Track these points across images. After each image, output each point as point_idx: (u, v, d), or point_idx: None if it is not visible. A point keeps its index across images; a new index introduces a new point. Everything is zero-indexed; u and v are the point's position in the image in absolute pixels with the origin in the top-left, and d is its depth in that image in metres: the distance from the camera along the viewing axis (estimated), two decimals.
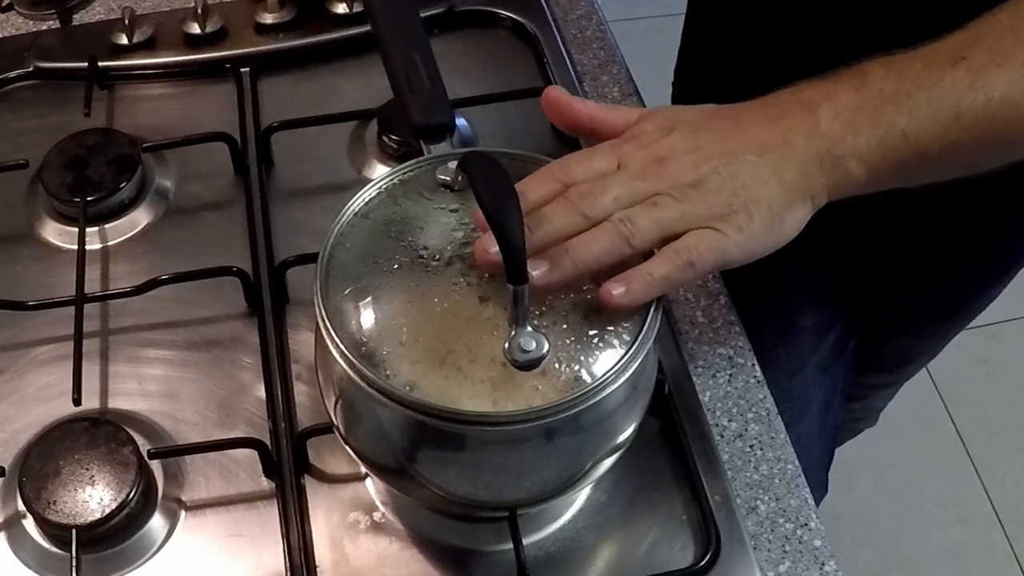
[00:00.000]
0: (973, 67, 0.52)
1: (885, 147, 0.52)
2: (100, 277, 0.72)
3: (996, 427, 1.76)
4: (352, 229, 0.53)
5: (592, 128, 0.58)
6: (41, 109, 0.83)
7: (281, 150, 0.78)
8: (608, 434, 0.53)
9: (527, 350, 0.48)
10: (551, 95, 0.58)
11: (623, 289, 0.49)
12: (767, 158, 0.53)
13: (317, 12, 0.86)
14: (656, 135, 0.55)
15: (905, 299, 0.96)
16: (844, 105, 0.53)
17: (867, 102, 0.53)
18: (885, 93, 0.53)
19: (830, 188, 0.54)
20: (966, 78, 0.52)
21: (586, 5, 0.90)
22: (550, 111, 0.58)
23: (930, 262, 0.90)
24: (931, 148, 0.52)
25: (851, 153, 0.53)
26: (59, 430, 0.62)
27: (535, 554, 0.60)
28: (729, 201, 0.52)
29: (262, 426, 0.65)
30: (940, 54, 0.53)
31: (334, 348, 0.49)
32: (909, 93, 0.52)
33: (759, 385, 0.67)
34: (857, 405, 1.20)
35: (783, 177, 0.52)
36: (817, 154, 0.53)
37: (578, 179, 0.53)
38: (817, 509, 0.62)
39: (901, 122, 0.52)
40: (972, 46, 0.53)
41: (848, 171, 0.53)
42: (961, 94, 0.52)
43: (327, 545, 0.60)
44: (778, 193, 0.52)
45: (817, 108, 0.53)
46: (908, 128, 0.52)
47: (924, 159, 0.53)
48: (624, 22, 2.12)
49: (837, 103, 0.53)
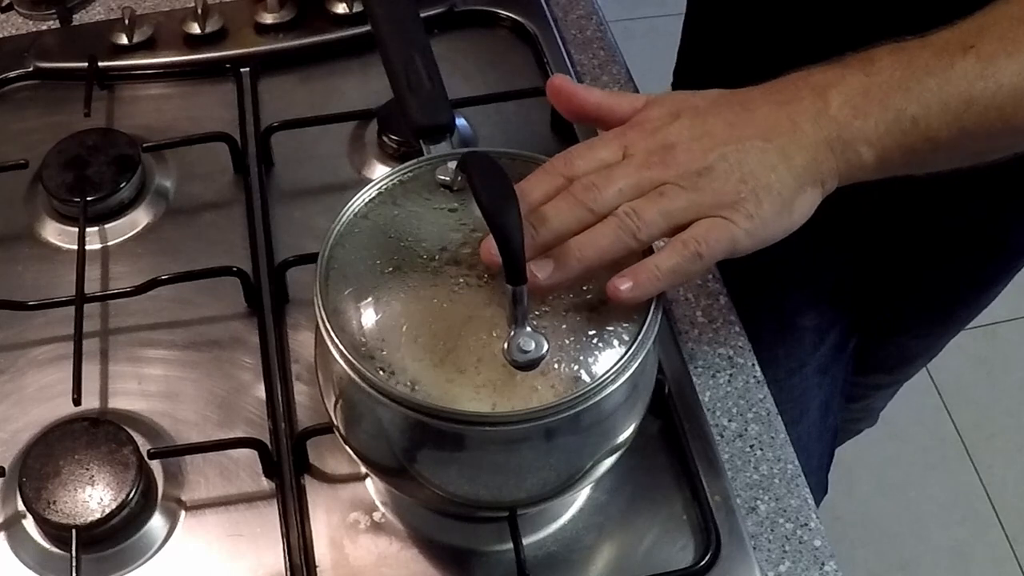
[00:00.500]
0: (983, 55, 0.52)
1: (895, 132, 0.52)
2: (100, 277, 0.72)
3: (996, 427, 1.76)
4: (352, 229, 0.53)
5: (598, 115, 0.57)
6: (41, 109, 0.83)
7: (281, 150, 0.78)
8: (608, 434, 0.53)
9: (527, 350, 0.48)
10: (556, 83, 0.57)
11: (630, 284, 0.49)
12: (775, 143, 0.52)
13: (317, 12, 0.86)
14: (661, 122, 0.54)
15: (905, 299, 0.96)
16: (854, 90, 0.52)
17: (877, 87, 0.52)
18: (895, 79, 0.52)
19: (840, 172, 0.53)
20: (976, 66, 0.52)
21: (586, 5, 0.90)
22: (556, 99, 0.57)
23: (930, 261, 0.90)
24: (941, 135, 0.52)
25: (861, 137, 0.52)
26: (59, 430, 0.62)
27: (535, 554, 0.60)
28: (737, 188, 0.51)
29: (262, 426, 0.65)
30: (949, 42, 0.53)
31: (334, 348, 0.49)
32: (919, 79, 0.52)
33: (759, 385, 0.67)
34: (857, 405, 1.20)
35: (792, 162, 0.52)
36: (827, 138, 0.52)
37: (581, 172, 0.53)
38: (817, 509, 0.62)
39: (911, 108, 0.52)
40: (981, 34, 0.53)
41: (858, 155, 0.52)
42: (971, 82, 0.52)
43: (327, 545, 0.60)
44: (787, 179, 0.52)
45: (826, 92, 0.53)
46: (918, 114, 0.52)
47: (934, 145, 0.53)
48: (624, 22, 2.12)
49: (846, 88, 0.53)
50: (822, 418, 0.95)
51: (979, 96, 0.52)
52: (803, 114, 0.53)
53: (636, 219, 0.50)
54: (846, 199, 0.55)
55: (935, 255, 0.89)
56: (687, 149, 0.52)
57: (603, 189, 0.51)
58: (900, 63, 0.53)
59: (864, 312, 0.95)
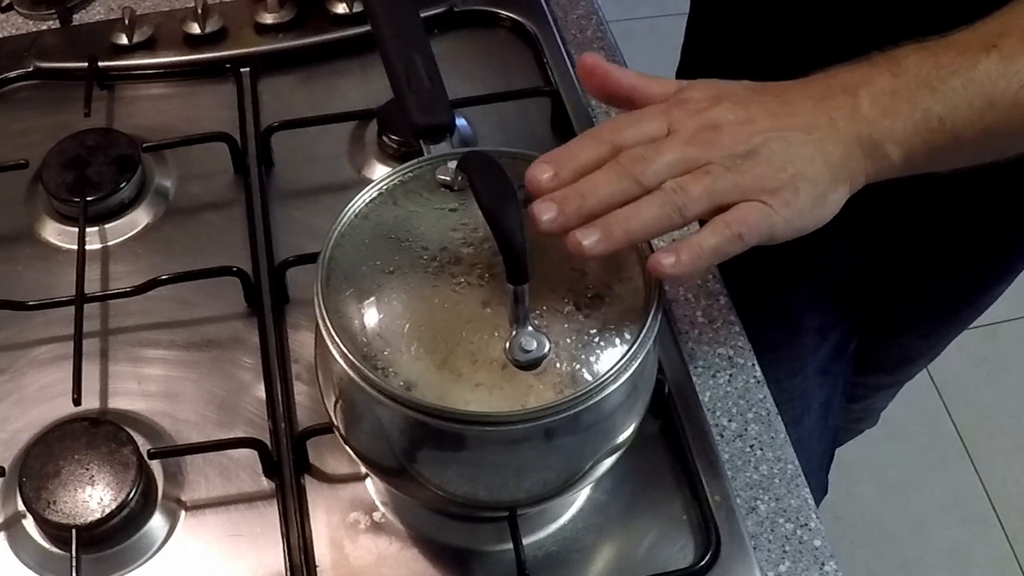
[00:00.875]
0: (1005, 54, 0.52)
1: (922, 132, 0.53)
2: (100, 277, 0.72)
3: (996, 427, 1.76)
4: (352, 229, 0.53)
5: (631, 97, 0.56)
6: (41, 109, 0.83)
7: (281, 150, 0.78)
8: (608, 434, 0.53)
9: (528, 350, 0.48)
10: (589, 62, 0.56)
11: (673, 259, 0.49)
12: (814, 136, 0.52)
13: (317, 12, 0.86)
14: (707, 103, 0.54)
15: (907, 300, 0.96)
16: (882, 89, 0.53)
17: (904, 87, 0.53)
18: (920, 78, 0.53)
19: (868, 171, 0.54)
20: (999, 65, 0.52)
21: (586, 5, 0.90)
22: (588, 78, 0.57)
23: (932, 262, 0.90)
24: (966, 133, 0.53)
25: (889, 137, 0.53)
26: (59, 430, 0.62)
27: (535, 554, 0.60)
28: (779, 175, 0.51)
29: (262, 426, 0.65)
30: (972, 41, 0.53)
31: (334, 348, 0.49)
32: (944, 79, 0.53)
33: (759, 385, 0.67)
34: (858, 405, 1.20)
35: (829, 156, 0.52)
36: (859, 137, 0.53)
37: (629, 142, 0.52)
38: (817, 509, 0.62)
39: (937, 107, 0.52)
40: (1003, 34, 0.53)
41: (886, 154, 0.53)
42: (994, 81, 0.52)
43: (327, 545, 0.60)
44: (824, 171, 0.52)
45: (856, 92, 0.53)
46: (944, 113, 0.52)
47: (959, 144, 0.53)
48: (624, 22, 2.12)
49: (875, 87, 0.53)
50: (823, 418, 0.95)
51: (1002, 95, 0.52)
52: (838, 111, 0.53)
53: (683, 195, 0.50)
54: (859, 197, 0.55)
55: (941, 257, 0.89)
56: (732, 131, 0.52)
57: (652, 162, 0.51)
58: (926, 63, 0.53)
59: (866, 312, 0.95)
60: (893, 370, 1.12)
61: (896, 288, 0.94)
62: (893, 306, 0.97)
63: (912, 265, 0.91)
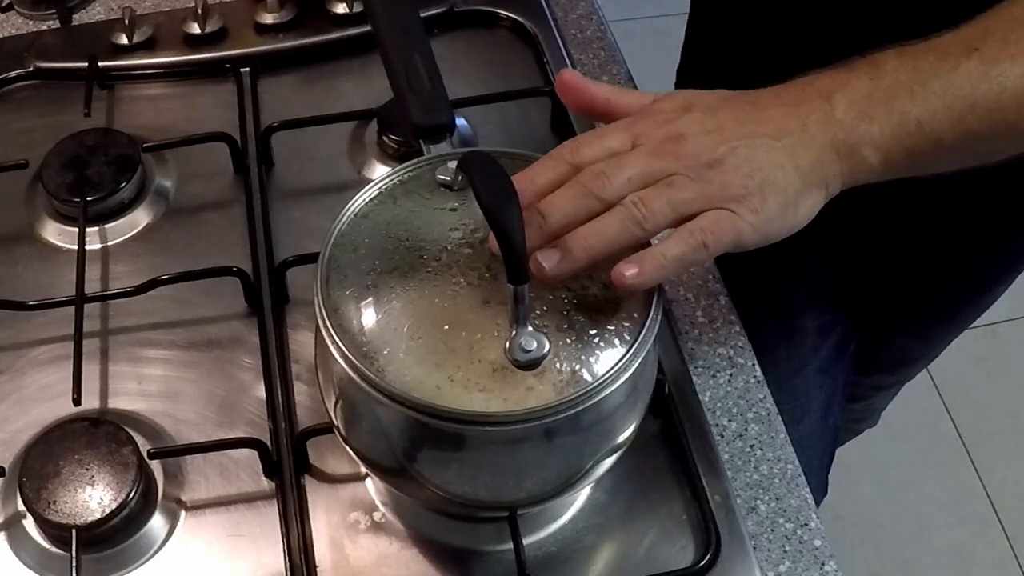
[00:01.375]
0: (987, 58, 0.52)
1: (900, 135, 0.52)
2: (100, 277, 0.72)
3: (996, 427, 1.76)
4: (352, 229, 0.53)
5: (606, 110, 0.57)
6: (41, 109, 0.83)
7: (281, 150, 0.78)
8: (608, 434, 0.53)
9: (528, 350, 0.48)
10: (565, 78, 0.57)
11: (636, 270, 0.49)
12: (784, 142, 0.52)
13: (317, 12, 0.86)
14: (673, 114, 0.54)
15: (907, 300, 0.96)
16: (859, 93, 0.53)
17: (881, 91, 0.53)
18: (899, 82, 0.53)
19: (845, 175, 0.53)
20: (980, 68, 0.52)
21: (586, 5, 0.90)
22: (564, 93, 0.57)
23: (934, 263, 0.90)
24: (945, 137, 0.52)
25: (866, 141, 0.53)
26: (59, 430, 0.62)
27: (535, 554, 0.60)
28: (745, 183, 0.51)
29: (262, 426, 0.65)
30: (953, 45, 0.53)
31: (334, 348, 0.49)
32: (923, 83, 0.52)
33: (759, 385, 0.67)
34: (858, 405, 1.20)
35: (799, 162, 0.52)
36: (833, 141, 0.53)
37: (588, 160, 0.53)
38: (817, 509, 0.62)
39: (915, 111, 0.52)
40: (985, 37, 0.53)
41: (863, 159, 0.53)
42: (975, 84, 0.52)
43: (327, 545, 0.60)
44: (794, 178, 0.52)
45: (832, 96, 0.53)
46: (922, 117, 0.52)
47: (938, 148, 0.53)
48: (624, 22, 2.12)
49: (852, 91, 0.53)
50: (823, 418, 0.95)
51: (983, 99, 0.52)
52: (811, 116, 0.53)
53: (643, 208, 0.50)
54: (849, 199, 0.55)
55: (939, 257, 0.89)
56: (697, 141, 0.52)
57: (612, 178, 0.51)
58: (905, 66, 0.53)
59: (866, 313, 0.95)
60: (893, 370, 1.12)
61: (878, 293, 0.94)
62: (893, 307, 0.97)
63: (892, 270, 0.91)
